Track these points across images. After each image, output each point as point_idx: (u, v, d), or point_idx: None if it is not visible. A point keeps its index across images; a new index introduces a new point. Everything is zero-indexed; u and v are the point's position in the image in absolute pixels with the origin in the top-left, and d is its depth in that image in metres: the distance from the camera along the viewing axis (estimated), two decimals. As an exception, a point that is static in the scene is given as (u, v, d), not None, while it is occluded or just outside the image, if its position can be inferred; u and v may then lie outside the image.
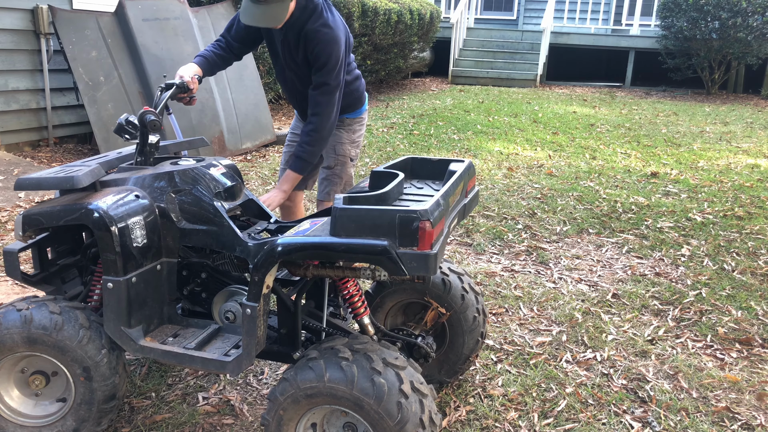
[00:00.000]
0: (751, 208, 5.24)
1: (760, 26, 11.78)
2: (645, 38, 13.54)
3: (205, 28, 6.64)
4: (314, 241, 1.84)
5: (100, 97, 5.73)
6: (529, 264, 4.09)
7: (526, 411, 2.58)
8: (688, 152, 7.41)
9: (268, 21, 2.71)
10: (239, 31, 2.99)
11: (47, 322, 2.08)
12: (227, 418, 2.50)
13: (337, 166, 3.19)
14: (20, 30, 5.96)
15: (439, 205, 1.84)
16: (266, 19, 2.70)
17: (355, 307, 2.25)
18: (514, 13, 16.23)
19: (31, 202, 4.84)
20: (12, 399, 2.24)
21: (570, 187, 5.71)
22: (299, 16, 2.77)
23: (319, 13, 2.80)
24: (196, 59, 2.91)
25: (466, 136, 7.89)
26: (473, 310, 2.52)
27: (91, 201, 2.07)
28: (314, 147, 2.87)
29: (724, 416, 2.57)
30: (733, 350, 3.09)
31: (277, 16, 2.69)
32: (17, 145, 6.17)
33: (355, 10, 8.91)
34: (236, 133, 6.69)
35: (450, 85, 13.49)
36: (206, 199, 2.19)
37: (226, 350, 2.12)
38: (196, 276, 2.34)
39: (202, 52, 2.96)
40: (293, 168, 2.89)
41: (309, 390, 1.87)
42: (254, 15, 2.67)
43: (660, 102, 11.99)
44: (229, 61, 3.05)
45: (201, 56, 2.93)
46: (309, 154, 2.87)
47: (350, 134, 3.20)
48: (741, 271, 4.00)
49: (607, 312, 3.45)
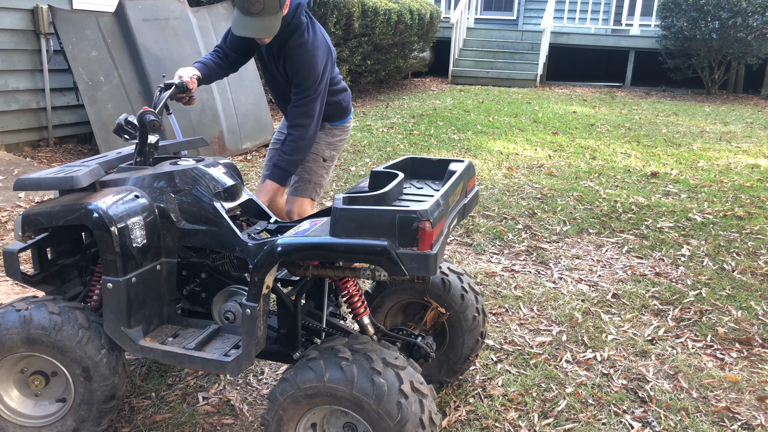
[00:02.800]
0: (751, 208, 5.24)
1: (760, 26, 11.78)
2: (645, 38, 13.54)
3: (205, 28, 6.64)
4: (314, 241, 1.84)
5: (100, 97, 5.73)
6: (529, 264, 4.09)
7: (526, 411, 2.58)
8: (688, 152, 7.41)
9: (260, 32, 2.73)
10: (234, 40, 3.02)
11: (47, 323, 2.08)
12: (227, 418, 2.50)
13: (308, 162, 3.21)
14: (20, 30, 5.96)
15: (439, 205, 1.84)
16: (258, 31, 2.72)
17: (355, 307, 2.25)
18: (514, 13, 16.23)
19: (30, 202, 4.84)
20: (12, 399, 2.24)
21: (570, 187, 5.71)
22: (283, 31, 2.82)
23: (301, 32, 2.85)
24: (195, 64, 2.93)
25: (466, 136, 7.88)
26: (473, 310, 2.52)
27: (90, 201, 2.07)
28: (294, 157, 2.93)
29: (724, 416, 2.57)
30: (733, 350, 3.09)
31: (270, 28, 2.72)
32: (17, 145, 6.17)
33: (355, 10, 8.91)
34: (236, 133, 6.69)
35: (450, 85, 13.49)
36: (206, 199, 2.19)
37: (225, 350, 2.11)
38: (195, 276, 2.33)
39: (202, 59, 3.00)
40: (273, 177, 2.94)
41: (309, 390, 1.87)
42: (246, 26, 2.70)
43: (660, 102, 11.99)
44: (227, 71, 3.09)
45: (200, 62, 2.97)
46: (289, 164, 2.93)
47: (328, 137, 3.24)
48: (741, 271, 3.99)
49: (607, 312, 3.45)
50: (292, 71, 2.88)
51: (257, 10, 2.64)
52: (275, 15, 2.69)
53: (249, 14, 2.66)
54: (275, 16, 2.69)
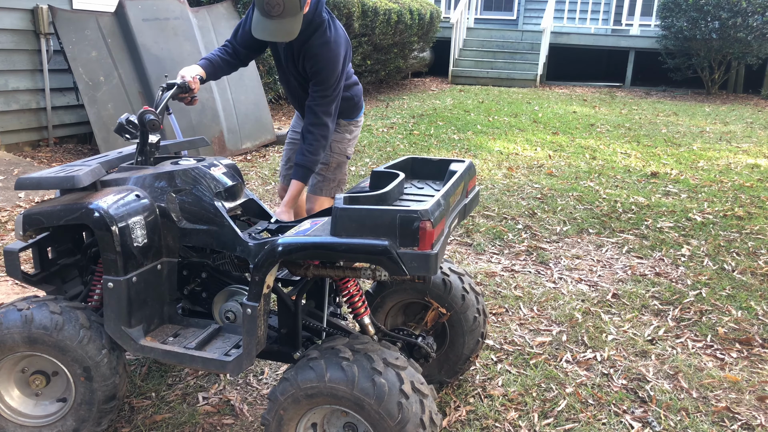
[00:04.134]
0: (751, 208, 5.24)
1: (760, 26, 11.78)
2: (645, 38, 13.54)
3: (205, 28, 6.64)
4: (315, 241, 1.84)
5: (100, 97, 5.73)
6: (529, 264, 4.09)
7: (526, 411, 2.58)
8: (688, 152, 7.41)
9: (281, 35, 2.65)
10: (245, 36, 2.96)
11: (48, 322, 2.08)
12: (227, 418, 2.50)
13: (333, 162, 3.20)
14: (20, 30, 5.96)
15: (440, 205, 1.84)
16: (280, 34, 2.64)
17: (356, 307, 2.25)
18: (514, 13, 16.23)
19: (31, 202, 4.84)
20: (12, 399, 2.24)
21: (570, 187, 5.71)
22: (304, 30, 2.74)
23: (323, 30, 2.79)
24: (201, 62, 2.89)
25: (466, 136, 7.89)
26: (474, 311, 2.52)
27: (91, 201, 2.07)
28: (317, 156, 2.88)
29: (724, 416, 2.57)
30: (733, 350, 3.09)
31: (291, 31, 2.64)
32: (17, 145, 6.17)
33: (355, 10, 8.91)
34: (236, 132, 6.69)
35: (450, 85, 13.49)
36: (207, 199, 2.19)
37: (226, 350, 2.12)
38: (196, 276, 2.34)
39: (208, 56, 2.95)
40: (296, 177, 2.88)
41: (309, 390, 1.87)
42: (267, 30, 2.63)
43: (660, 102, 11.99)
44: (235, 66, 3.04)
45: (206, 59, 2.92)
46: (313, 162, 2.89)
47: (346, 134, 3.22)
48: (741, 271, 4.00)
49: (607, 312, 3.45)
50: (314, 70, 2.81)
51: (277, 13, 2.56)
52: (296, 16, 2.61)
53: (269, 17, 2.58)
54: (296, 18, 2.61)
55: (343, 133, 3.20)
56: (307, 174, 2.90)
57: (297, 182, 2.87)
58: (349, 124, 3.22)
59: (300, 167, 2.88)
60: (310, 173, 2.92)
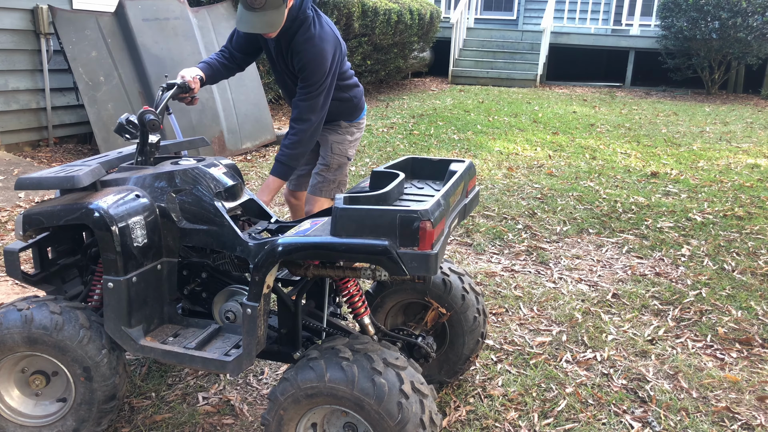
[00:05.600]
0: (751, 208, 5.24)
1: (760, 26, 11.78)
2: (645, 38, 13.54)
3: (205, 28, 6.64)
4: (315, 241, 1.84)
5: (100, 97, 5.73)
6: (529, 264, 4.09)
7: (526, 411, 2.58)
8: (688, 152, 7.41)
9: (263, 27, 2.71)
10: (239, 40, 3.01)
11: (48, 322, 2.08)
12: (227, 418, 2.50)
13: (333, 164, 3.21)
14: (20, 30, 5.96)
15: (440, 205, 1.84)
16: (262, 26, 2.70)
17: (356, 307, 2.25)
18: (514, 13, 16.23)
19: (31, 202, 4.84)
20: (12, 399, 2.24)
21: (570, 187, 5.71)
22: (290, 26, 2.80)
23: (307, 26, 2.82)
24: (200, 65, 2.93)
25: (466, 136, 7.89)
26: (474, 311, 2.52)
27: (91, 200, 2.07)
28: (296, 151, 2.89)
29: (724, 416, 2.57)
30: (733, 350, 3.09)
31: (273, 23, 2.70)
32: (17, 145, 6.17)
33: (355, 10, 8.91)
34: (236, 133, 6.69)
35: (450, 85, 13.49)
36: (207, 199, 2.19)
37: (226, 350, 2.12)
38: (196, 276, 2.33)
39: (207, 60, 2.98)
40: (275, 173, 2.90)
41: (309, 390, 1.87)
42: (249, 22, 2.68)
43: (660, 102, 11.99)
44: (233, 71, 3.08)
45: (205, 63, 2.96)
46: (290, 158, 2.90)
47: (348, 135, 3.23)
48: (741, 271, 4.00)
49: (607, 312, 3.45)
50: (300, 66, 2.85)
51: (259, 5, 2.62)
52: (278, 9, 2.66)
53: (251, 9, 2.64)
54: (279, 10, 2.67)
55: (344, 135, 3.21)
56: (285, 170, 2.91)
57: (274, 178, 2.89)
58: (350, 126, 3.22)
59: (278, 162, 2.90)
60: (290, 170, 2.93)
